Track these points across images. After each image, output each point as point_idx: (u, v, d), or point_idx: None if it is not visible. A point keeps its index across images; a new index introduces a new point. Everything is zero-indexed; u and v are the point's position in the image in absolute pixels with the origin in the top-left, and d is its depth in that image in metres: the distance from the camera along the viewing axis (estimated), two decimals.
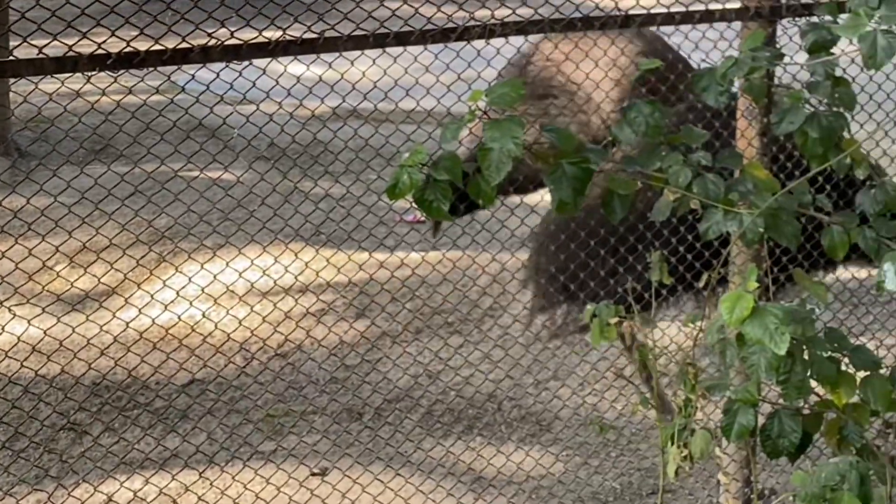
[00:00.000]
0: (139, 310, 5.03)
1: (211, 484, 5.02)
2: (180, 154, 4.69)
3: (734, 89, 3.56)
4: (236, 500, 5.05)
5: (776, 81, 4.06)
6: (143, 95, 4.23)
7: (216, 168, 5.49)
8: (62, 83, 3.95)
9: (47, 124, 7.36)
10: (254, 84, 4.29)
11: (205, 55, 3.93)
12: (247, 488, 4.98)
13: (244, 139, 5.47)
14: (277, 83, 4.44)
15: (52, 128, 7.55)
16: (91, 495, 5.12)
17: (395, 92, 4.86)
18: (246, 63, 4.18)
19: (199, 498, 5.06)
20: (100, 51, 3.76)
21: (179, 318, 5.95)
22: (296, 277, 6.01)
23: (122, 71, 3.89)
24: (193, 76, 4.25)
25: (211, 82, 4.20)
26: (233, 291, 6.44)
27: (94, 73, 3.86)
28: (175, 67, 4.04)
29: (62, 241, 4.92)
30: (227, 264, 5.86)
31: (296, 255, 6.15)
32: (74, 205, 4.81)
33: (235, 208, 5.72)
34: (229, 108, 4.46)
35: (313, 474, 5.46)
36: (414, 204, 3.29)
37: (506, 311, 6.21)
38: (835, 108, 3.58)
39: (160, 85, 4.12)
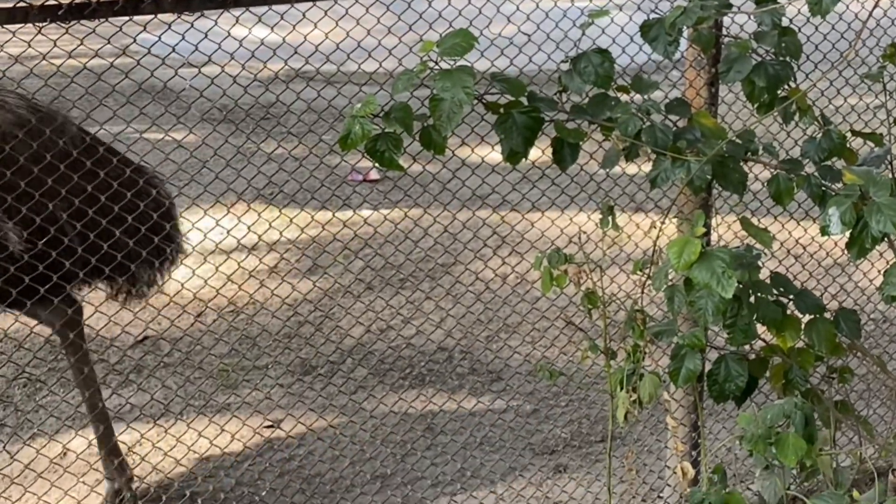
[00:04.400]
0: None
1: (166, 431, 5.05)
2: (120, 117, 4.68)
3: (683, 39, 3.59)
4: (191, 448, 5.09)
5: (724, 31, 4.10)
6: (83, 59, 4.24)
7: (158, 130, 5.47)
8: (13, 34, 3.95)
9: None
10: (196, 47, 4.30)
11: (156, 5, 3.93)
12: (201, 436, 5.02)
13: (186, 102, 5.45)
14: (220, 46, 4.46)
15: None
16: (46, 444, 5.16)
17: (337, 55, 4.89)
18: (197, 15, 4.17)
19: (154, 446, 5.10)
20: (51, 1, 3.75)
21: None
22: (249, 229, 6.02)
23: (73, 22, 3.88)
24: (135, 39, 4.25)
25: (153, 45, 4.19)
26: (188, 243, 6.44)
27: (44, 24, 3.85)
28: (125, 20, 4.02)
29: None
30: (193, 225, 5.87)
31: (251, 209, 6.19)
32: None
33: (177, 171, 5.73)
34: (171, 71, 4.47)
35: (268, 426, 5.51)
36: (356, 167, 3.31)
37: (457, 261, 6.26)
38: (781, 58, 3.64)
39: (99, 49, 4.12)
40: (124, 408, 5.51)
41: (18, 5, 3.75)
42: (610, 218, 3.86)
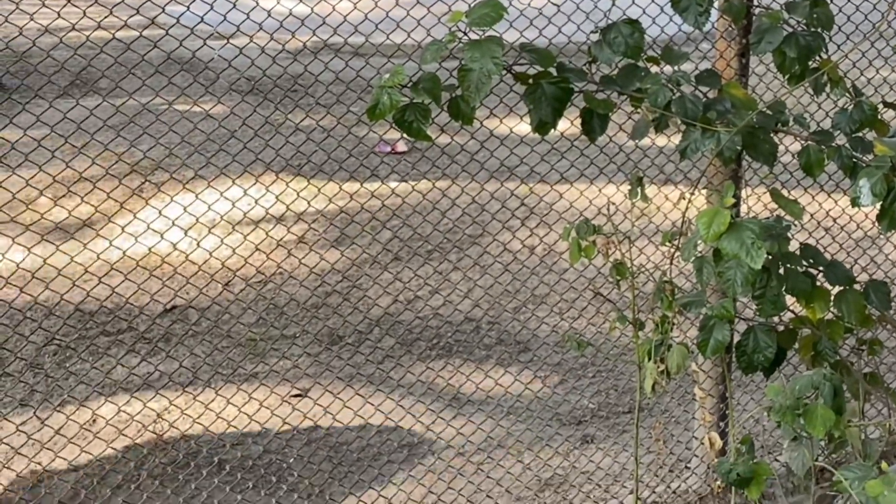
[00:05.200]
0: (135, 238, 5.07)
1: (194, 399, 5.08)
2: (149, 87, 4.68)
3: (714, 9, 3.57)
4: (219, 415, 5.11)
5: (755, 1, 4.08)
6: (113, 31, 4.23)
7: (186, 101, 5.48)
8: (43, 3, 3.96)
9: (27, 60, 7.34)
10: (224, 18, 4.29)
11: None
12: (230, 403, 5.04)
13: (214, 73, 5.46)
14: (248, 17, 4.46)
15: (26, 64, 7.54)
16: (76, 411, 5.18)
17: (365, 25, 4.88)
18: None
19: (183, 413, 5.13)
20: None
21: (174, 244, 5.98)
22: (277, 199, 6.05)
23: None
24: (164, 9, 4.24)
25: (182, 15, 4.18)
26: (216, 213, 6.47)
27: None
28: None
29: (58, 170, 4.91)
30: (222, 194, 5.89)
31: (279, 179, 6.20)
32: (71, 135, 4.81)
33: (205, 141, 5.74)
34: (199, 42, 4.46)
35: (296, 395, 5.53)
36: (384, 138, 3.31)
37: (485, 232, 6.26)
38: (813, 28, 3.62)
39: (128, 19, 4.12)
40: (153, 375, 5.54)
41: None
42: (639, 189, 3.85)
